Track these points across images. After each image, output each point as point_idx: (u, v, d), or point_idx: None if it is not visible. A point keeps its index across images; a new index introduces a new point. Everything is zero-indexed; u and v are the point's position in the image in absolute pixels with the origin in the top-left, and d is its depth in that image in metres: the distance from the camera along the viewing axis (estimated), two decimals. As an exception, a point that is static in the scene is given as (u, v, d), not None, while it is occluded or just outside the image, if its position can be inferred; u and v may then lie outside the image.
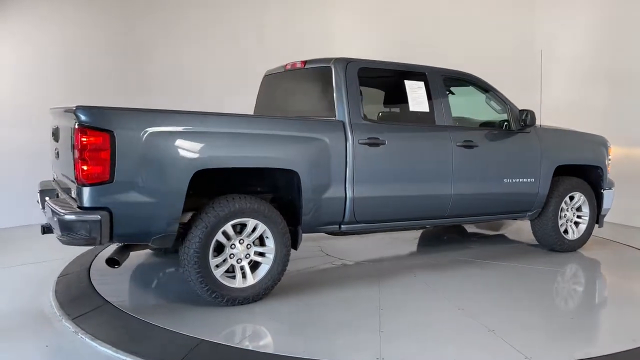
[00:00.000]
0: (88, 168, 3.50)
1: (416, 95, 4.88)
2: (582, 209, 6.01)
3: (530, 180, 5.52)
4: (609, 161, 6.15)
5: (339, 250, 5.82)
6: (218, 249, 3.99)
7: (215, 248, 3.95)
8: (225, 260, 4.02)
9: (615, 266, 5.80)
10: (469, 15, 9.00)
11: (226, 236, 3.99)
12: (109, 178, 3.53)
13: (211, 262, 3.92)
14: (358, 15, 9.16)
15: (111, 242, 3.78)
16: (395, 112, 5.45)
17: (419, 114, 4.96)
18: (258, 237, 4.13)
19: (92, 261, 5.22)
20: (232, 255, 4.04)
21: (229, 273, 4.06)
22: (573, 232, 5.97)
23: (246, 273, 4.09)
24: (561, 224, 5.85)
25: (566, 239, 5.91)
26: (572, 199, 5.93)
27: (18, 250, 5.94)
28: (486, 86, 5.50)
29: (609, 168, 6.17)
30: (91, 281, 4.66)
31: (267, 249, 4.15)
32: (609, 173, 6.17)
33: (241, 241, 4.06)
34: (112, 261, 3.98)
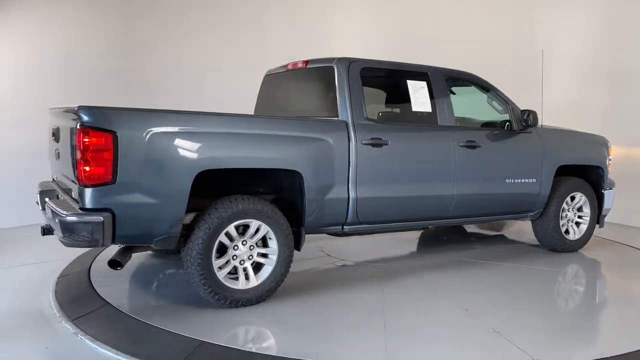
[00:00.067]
0: (90, 169, 3.47)
1: (419, 95, 4.87)
2: (583, 209, 6.01)
3: (532, 180, 5.51)
4: (610, 161, 6.15)
5: (340, 250, 5.80)
6: (220, 251, 3.96)
7: (217, 249, 3.92)
8: (228, 261, 3.99)
9: (616, 267, 5.80)
10: (469, 15, 9.00)
11: (229, 237, 3.96)
12: (112, 179, 3.50)
13: (214, 264, 3.89)
14: (358, 15, 9.16)
15: (113, 244, 3.74)
16: (397, 112, 5.43)
17: (422, 114, 4.95)
18: (261, 239, 4.11)
19: (93, 262, 5.20)
20: (235, 256, 4.01)
21: (232, 275, 4.03)
22: (574, 233, 5.97)
23: (249, 274, 4.06)
24: (562, 224, 5.84)
25: (567, 240, 5.90)
26: (573, 199, 5.92)
27: (18, 250, 5.92)
28: (488, 86, 5.49)
29: (610, 168, 6.17)
30: (91, 282, 4.64)
31: (270, 250, 4.13)
32: (610, 173, 6.18)
33: (244, 242, 4.03)
34: (115, 263, 3.95)
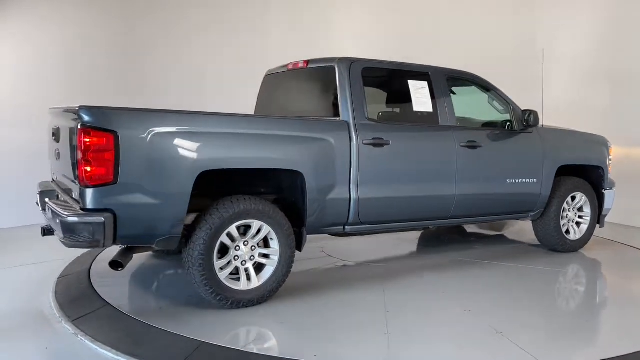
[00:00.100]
0: (91, 169, 3.45)
1: (420, 95, 4.86)
2: (584, 209, 6.01)
3: (533, 180, 5.51)
4: (610, 161, 6.16)
5: (340, 250, 5.79)
6: (222, 251, 3.95)
7: (219, 250, 3.91)
8: (229, 262, 3.98)
9: (616, 267, 5.80)
10: (469, 14, 8.99)
11: (230, 238, 3.95)
12: (113, 179, 3.49)
13: (216, 265, 3.88)
14: (358, 15, 9.15)
15: (115, 245, 3.73)
16: (399, 112, 5.42)
17: (423, 114, 4.94)
18: (262, 239, 4.09)
19: (93, 262, 5.19)
20: (237, 257, 4.00)
21: (233, 275, 4.01)
22: (575, 233, 5.97)
23: (251, 275, 4.05)
24: (563, 225, 5.84)
25: (568, 240, 5.90)
26: (574, 199, 5.92)
27: (18, 250, 5.91)
28: (489, 86, 5.48)
29: (610, 168, 6.17)
30: (91, 282, 4.63)
31: (272, 251, 4.12)
32: (610, 173, 6.18)
33: (245, 243, 4.02)
34: (116, 264, 3.94)
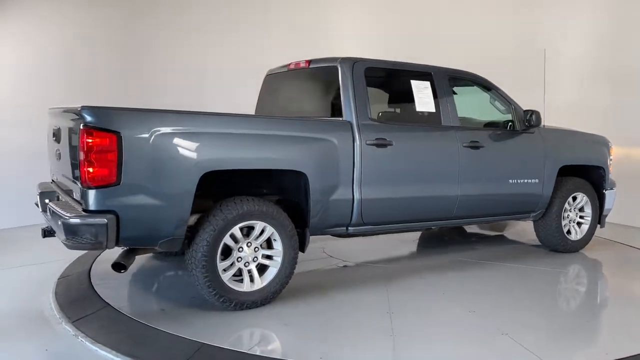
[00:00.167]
0: (94, 170, 3.42)
1: (422, 95, 4.85)
2: (585, 210, 6.01)
3: (535, 181, 5.51)
4: (611, 161, 6.16)
5: (342, 251, 5.78)
6: (225, 252, 3.93)
7: (222, 251, 3.89)
8: (232, 263, 3.96)
9: (617, 267, 5.81)
10: (470, 14, 8.98)
11: (234, 239, 3.93)
12: (116, 180, 3.46)
13: (219, 266, 3.86)
14: (358, 15, 9.14)
15: (117, 246, 3.70)
16: (401, 113, 5.41)
17: (425, 114, 4.93)
18: (266, 240, 4.08)
19: (93, 263, 5.16)
20: (240, 258, 3.98)
21: (237, 277, 4.00)
22: (576, 233, 5.97)
23: (254, 276, 4.04)
24: (564, 225, 5.84)
25: (569, 240, 5.90)
26: (575, 200, 5.93)
27: (18, 251, 5.89)
28: (491, 86, 5.48)
29: (611, 168, 6.17)
30: (92, 283, 4.61)
31: (275, 252, 4.10)
32: (611, 173, 6.18)
33: (249, 244, 4.01)
34: (119, 266, 3.93)
